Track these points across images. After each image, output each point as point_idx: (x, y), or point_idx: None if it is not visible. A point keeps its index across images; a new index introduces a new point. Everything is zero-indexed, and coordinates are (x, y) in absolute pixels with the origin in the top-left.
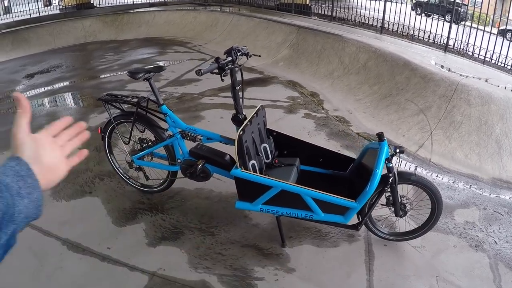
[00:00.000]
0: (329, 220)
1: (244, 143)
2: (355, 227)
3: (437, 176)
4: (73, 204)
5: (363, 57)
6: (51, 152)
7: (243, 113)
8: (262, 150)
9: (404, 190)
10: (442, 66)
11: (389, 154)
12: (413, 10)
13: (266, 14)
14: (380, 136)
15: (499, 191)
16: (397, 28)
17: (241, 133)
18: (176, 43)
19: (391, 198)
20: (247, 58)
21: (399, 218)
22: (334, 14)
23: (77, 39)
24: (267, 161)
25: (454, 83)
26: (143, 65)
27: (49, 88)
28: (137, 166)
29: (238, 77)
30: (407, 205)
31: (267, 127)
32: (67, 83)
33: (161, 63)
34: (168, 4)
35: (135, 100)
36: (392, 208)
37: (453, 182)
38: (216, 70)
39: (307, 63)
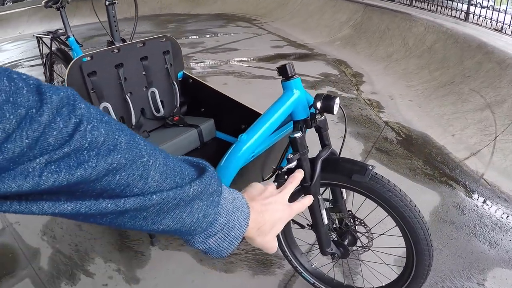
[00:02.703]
0: None
1: (89, 76)
2: None
3: (483, 202)
4: None
5: (430, 38)
6: (277, 225)
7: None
8: (150, 96)
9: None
10: None
11: (309, 112)
12: None
13: None
14: (283, 71)
15: None
16: (485, 16)
17: (82, 60)
18: (243, 19)
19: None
20: None
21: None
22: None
23: (152, 10)
24: (157, 114)
25: None
26: (197, 36)
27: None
28: None
29: None
30: (359, 235)
31: (184, 71)
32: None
33: (219, 35)
34: None
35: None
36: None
37: (507, 217)
38: None
39: (366, 44)
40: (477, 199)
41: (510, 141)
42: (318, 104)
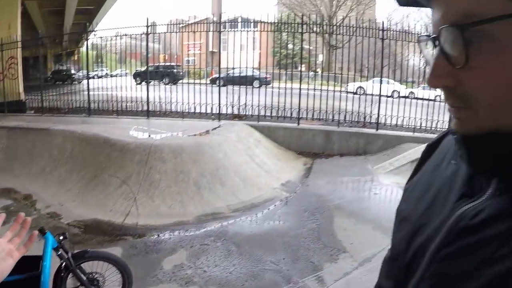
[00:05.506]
0: None
1: None
2: None
3: (146, 237)
4: None
5: (69, 145)
6: (3, 259)
7: None
8: None
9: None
10: (142, 133)
11: (57, 243)
12: (135, 80)
13: None
14: (41, 231)
15: (204, 225)
16: (103, 106)
17: None
18: None
19: None
20: None
21: None
22: (44, 105)
23: None
24: None
25: (148, 147)
26: None
27: None
28: None
29: None
30: (99, 279)
31: None
32: None
33: None
34: None
35: None
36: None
37: (159, 236)
38: None
39: (21, 165)
40: (141, 238)
41: (144, 197)
42: (61, 237)
